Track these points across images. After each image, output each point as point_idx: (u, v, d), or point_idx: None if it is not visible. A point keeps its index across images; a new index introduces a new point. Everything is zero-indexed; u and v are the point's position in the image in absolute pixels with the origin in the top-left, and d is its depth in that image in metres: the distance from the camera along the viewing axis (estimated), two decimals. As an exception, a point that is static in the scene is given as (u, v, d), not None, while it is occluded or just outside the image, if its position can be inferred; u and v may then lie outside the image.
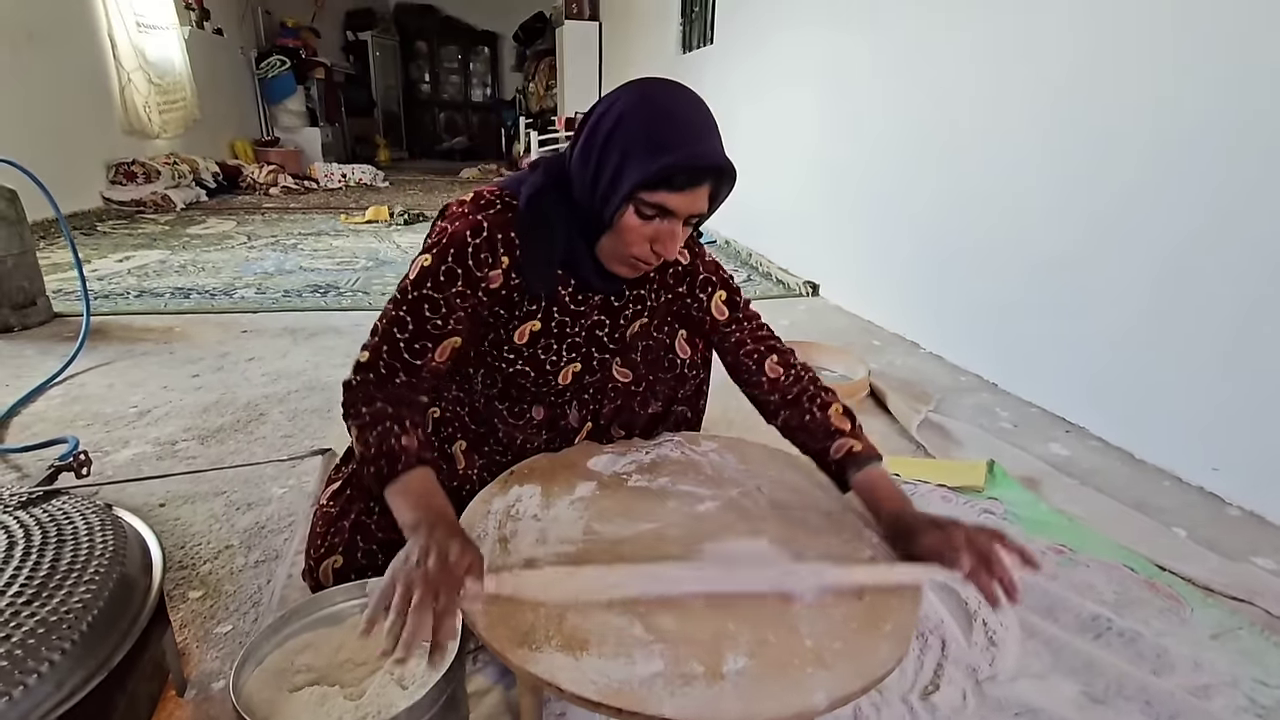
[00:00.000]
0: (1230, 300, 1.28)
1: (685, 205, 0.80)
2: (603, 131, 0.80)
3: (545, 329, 0.94)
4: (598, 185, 0.81)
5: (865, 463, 0.88)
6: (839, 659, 0.65)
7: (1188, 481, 1.36)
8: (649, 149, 0.76)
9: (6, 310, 2.06)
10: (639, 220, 0.80)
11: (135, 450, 1.39)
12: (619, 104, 0.80)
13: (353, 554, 0.90)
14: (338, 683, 0.73)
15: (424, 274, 0.85)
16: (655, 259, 0.84)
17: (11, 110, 3.51)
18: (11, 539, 0.71)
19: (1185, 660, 0.87)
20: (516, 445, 1.02)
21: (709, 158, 0.78)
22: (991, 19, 1.82)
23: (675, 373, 1.06)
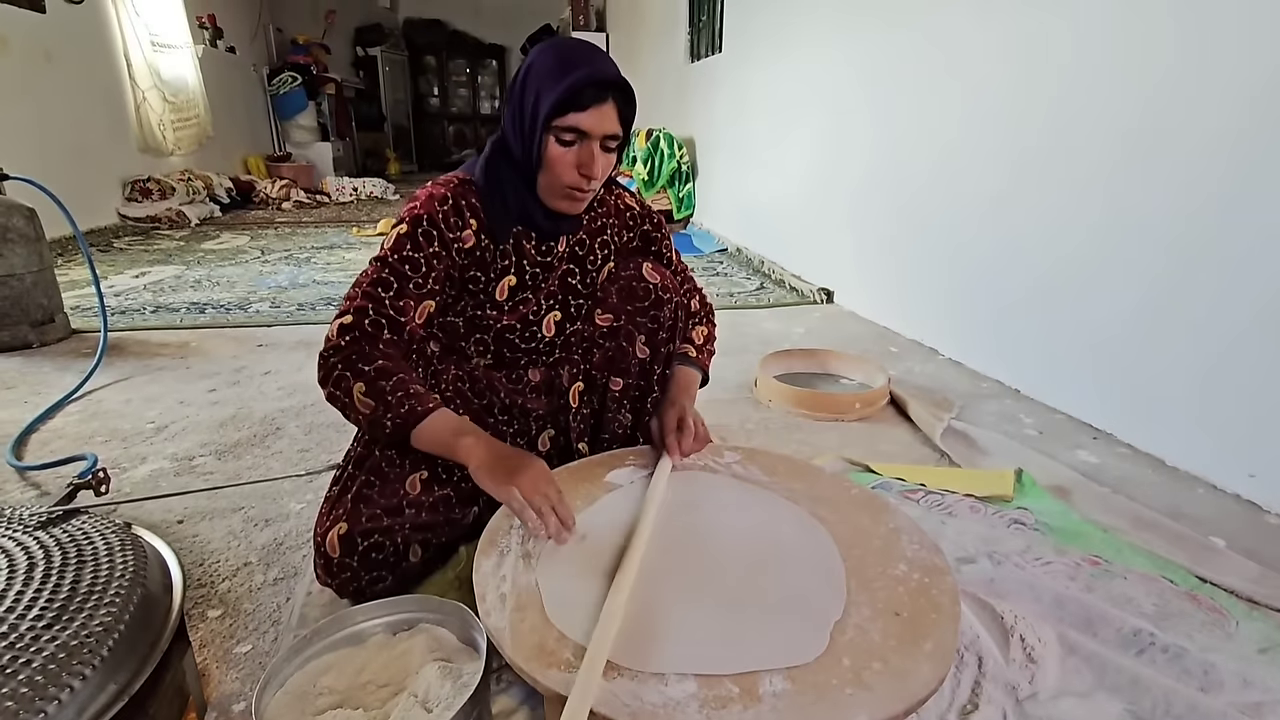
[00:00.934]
0: (1263, 300, 1.24)
1: (595, 123, 0.89)
2: (519, 82, 0.93)
3: (520, 282, 1.04)
4: (523, 128, 0.93)
5: (683, 361, 1.13)
6: (879, 679, 0.62)
7: (1222, 489, 1.33)
8: (554, 78, 0.88)
9: (25, 327, 2.08)
10: (561, 148, 0.91)
11: (153, 466, 1.39)
12: (529, 57, 0.94)
13: (356, 519, 0.89)
14: (360, 705, 0.72)
15: (401, 239, 0.94)
16: (586, 183, 0.94)
17: (30, 129, 3.56)
18: (32, 560, 0.70)
19: (1234, 677, 0.83)
20: (518, 409, 1.07)
21: (605, 73, 0.89)
22: (1010, 22, 1.81)
23: (650, 299, 1.06)
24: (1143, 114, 1.45)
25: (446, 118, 10.14)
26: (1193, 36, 1.34)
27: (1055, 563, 1.06)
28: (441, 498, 0.95)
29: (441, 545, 0.96)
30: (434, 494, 0.95)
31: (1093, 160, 1.57)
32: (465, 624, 0.78)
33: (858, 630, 0.68)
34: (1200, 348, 1.36)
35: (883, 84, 2.41)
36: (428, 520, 0.93)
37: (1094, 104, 1.56)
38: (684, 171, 4.33)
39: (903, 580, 0.77)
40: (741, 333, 2.36)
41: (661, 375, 1.11)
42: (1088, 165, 1.58)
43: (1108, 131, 1.53)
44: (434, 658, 0.76)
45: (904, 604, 0.73)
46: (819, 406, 1.66)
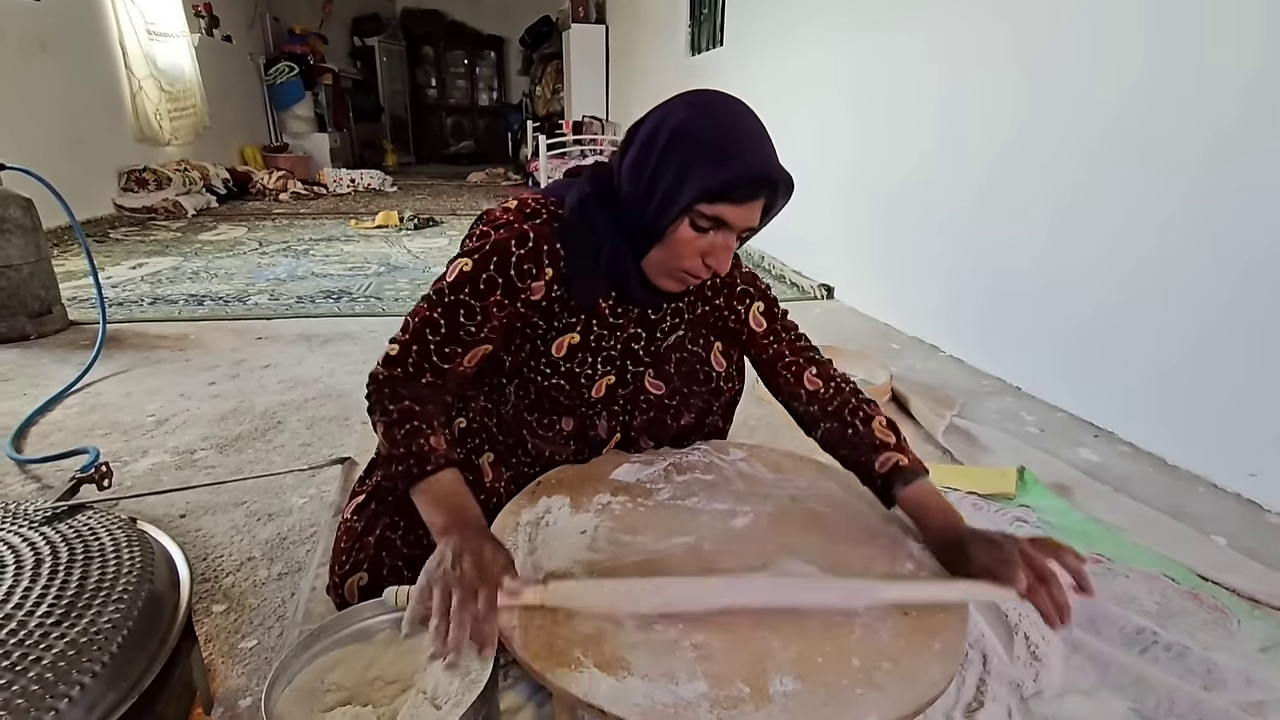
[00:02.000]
0: (1266, 299, 1.25)
1: (742, 218, 0.79)
2: (661, 140, 0.78)
3: (584, 342, 0.92)
4: (652, 196, 0.79)
5: (912, 477, 0.85)
6: (889, 679, 0.63)
7: (1223, 488, 1.33)
8: (711, 160, 0.75)
9: (23, 319, 2.06)
10: (694, 233, 0.79)
11: (154, 459, 1.38)
12: (676, 113, 0.79)
13: (378, 570, 0.88)
14: (369, 702, 0.71)
15: (463, 279, 0.83)
16: (705, 272, 0.83)
17: (25, 118, 3.53)
18: (39, 556, 0.70)
19: (1237, 675, 0.84)
20: (545, 457, 1.00)
21: (773, 170, 0.77)
22: (1017, 15, 1.80)
23: (710, 386, 1.04)
24: (1150, 110, 1.44)
25: (444, 109, 10.08)
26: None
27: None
28: None
29: None
30: None
31: (1092, 157, 1.57)
32: (473, 621, 0.77)
33: (866, 629, 0.68)
34: (1201, 346, 1.36)
35: (884, 78, 2.40)
36: None
37: (1092, 94, 1.56)
38: (684, 165, 4.31)
39: (910, 576, 0.77)
40: (742, 328, 2.35)
41: (695, 439, 1.03)
42: (1089, 162, 1.58)
43: (1108, 126, 1.53)
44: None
45: (911, 603, 0.73)
46: (821, 403, 1.66)
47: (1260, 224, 1.25)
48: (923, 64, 2.18)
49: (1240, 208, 1.28)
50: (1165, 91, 1.40)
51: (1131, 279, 1.50)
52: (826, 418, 0.94)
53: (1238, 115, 1.27)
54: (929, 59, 2.15)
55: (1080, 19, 1.60)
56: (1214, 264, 1.33)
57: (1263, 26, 1.23)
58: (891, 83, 2.36)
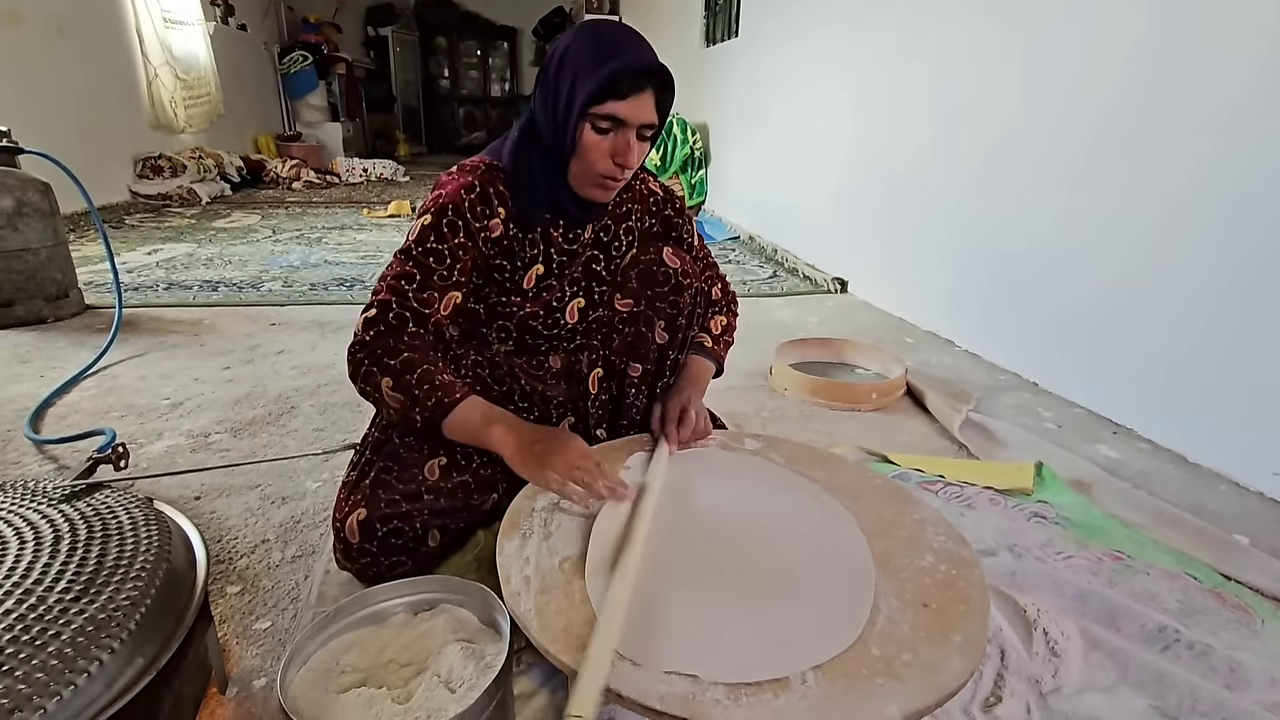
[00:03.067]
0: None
1: (633, 112, 0.87)
2: (553, 66, 0.90)
3: (548, 271, 1.02)
4: (556, 115, 0.90)
5: (698, 351, 1.12)
6: (910, 671, 0.62)
7: (1245, 486, 1.31)
8: (592, 65, 0.85)
9: (40, 302, 2.08)
10: (596, 136, 0.88)
11: (169, 442, 1.39)
12: (563, 41, 0.91)
13: (375, 504, 0.90)
14: (383, 684, 0.71)
15: (426, 230, 0.92)
16: (620, 172, 0.91)
17: (43, 104, 3.55)
18: (57, 533, 0.70)
19: (1261, 675, 0.82)
20: (538, 395, 1.06)
21: (645, 61, 0.86)
22: (1037, 10, 1.77)
23: (670, 284, 1.05)
24: (1170, 104, 1.41)
25: (457, 99, 10.07)
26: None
27: (1076, 557, 1.05)
28: (460, 484, 0.95)
29: (460, 530, 0.96)
30: (452, 480, 0.95)
31: (1120, 153, 1.54)
32: (487, 605, 0.77)
33: (886, 621, 0.68)
34: (1223, 344, 1.34)
35: (896, 70, 2.37)
36: (446, 506, 0.93)
37: (1127, 92, 1.53)
38: (697, 158, 4.29)
39: (930, 572, 0.76)
40: (755, 321, 2.34)
41: (676, 361, 1.10)
42: (1131, 163, 1.55)
43: (1139, 124, 1.50)
44: (456, 638, 0.75)
45: (932, 596, 0.72)
46: (835, 396, 1.65)
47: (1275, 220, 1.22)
48: (933, 55, 2.15)
49: (1257, 206, 1.25)
50: (1170, 75, 1.37)
51: (1147, 273, 1.47)
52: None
53: (1254, 91, 1.24)
54: (940, 50, 2.12)
55: (1081, 4, 1.57)
56: (1231, 258, 1.30)
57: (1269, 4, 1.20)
58: (902, 74, 2.33)
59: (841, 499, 0.91)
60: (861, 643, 0.64)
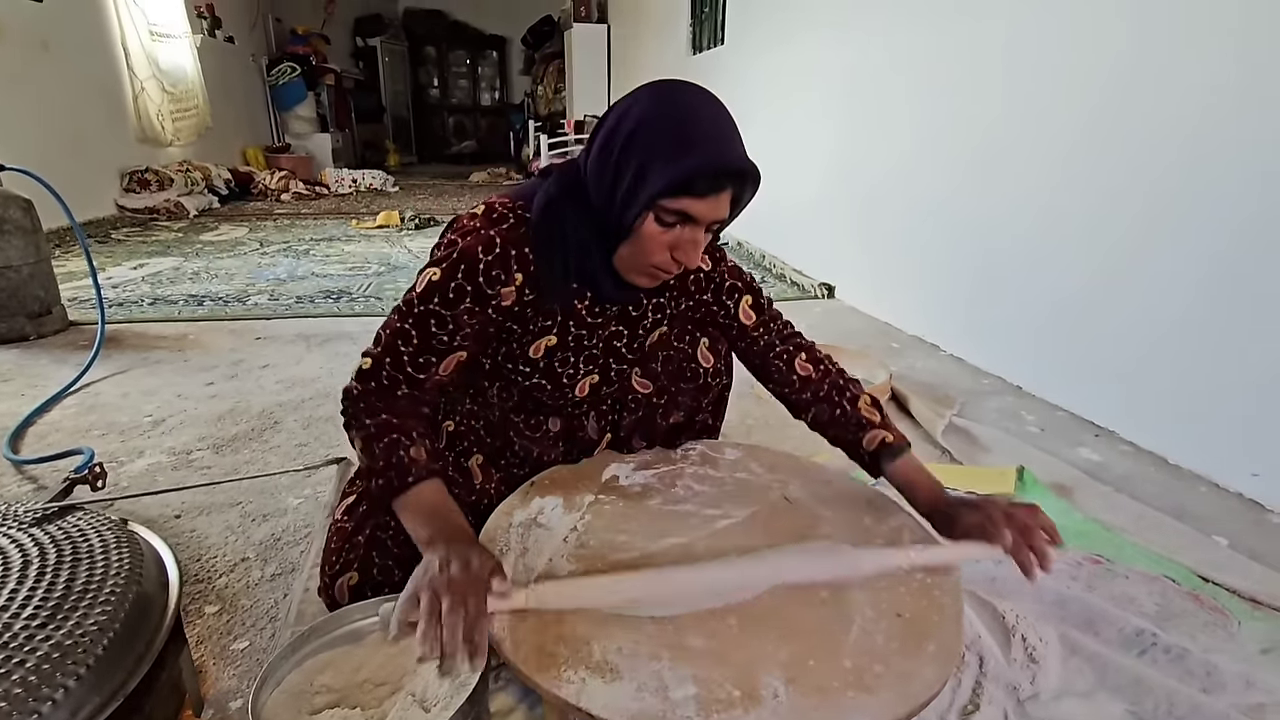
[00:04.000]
0: (1268, 300, 1.23)
1: (708, 211, 0.77)
2: (621, 136, 0.77)
3: (561, 343, 0.92)
4: (616, 192, 0.78)
5: (898, 452, 0.89)
6: (881, 682, 0.62)
7: (1225, 488, 1.32)
8: (671, 153, 0.74)
9: (22, 319, 2.06)
10: (660, 228, 0.77)
11: (150, 460, 1.38)
12: (637, 107, 0.78)
13: (368, 569, 0.87)
14: (358, 704, 0.71)
15: (431, 289, 0.82)
16: (676, 267, 0.82)
17: (27, 119, 3.54)
18: (26, 557, 0.69)
19: (1236, 678, 0.83)
20: (534, 458, 1.00)
21: (734, 161, 0.76)
22: (1018, 15, 1.79)
23: (698, 383, 1.03)
24: (1160, 108, 1.43)
25: (446, 109, 10.09)
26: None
27: (1056, 562, 1.05)
28: None
29: None
30: None
31: (1107, 158, 1.55)
32: (463, 623, 0.77)
33: (860, 632, 0.68)
34: (1202, 346, 1.35)
35: (882, 76, 2.39)
36: None
37: (1113, 96, 1.54)
38: (685, 164, 4.30)
39: (904, 580, 0.76)
40: (742, 328, 2.34)
41: (682, 439, 1.03)
42: (1100, 162, 1.57)
43: (1125, 126, 1.51)
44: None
45: (906, 605, 0.72)
46: (820, 403, 1.65)
47: (1254, 225, 1.23)
48: (916, 62, 2.17)
49: (1230, 205, 1.27)
50: (1145, 77, 1.39)
51: (1126, 275, 1.49)
52: (816, 401, 0.96)
53: (1224, 93, 1.26)
54: (922, 57, 2.14)
55: (1061, 13, 1.58)
56: (1206, 261, 1.32)
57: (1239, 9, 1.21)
58: (886, 80, 2.35)
59: (819, 508, 0.91)
60: (833, 655, 0.64)
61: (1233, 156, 1.27)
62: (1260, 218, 1.24)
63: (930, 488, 0.87)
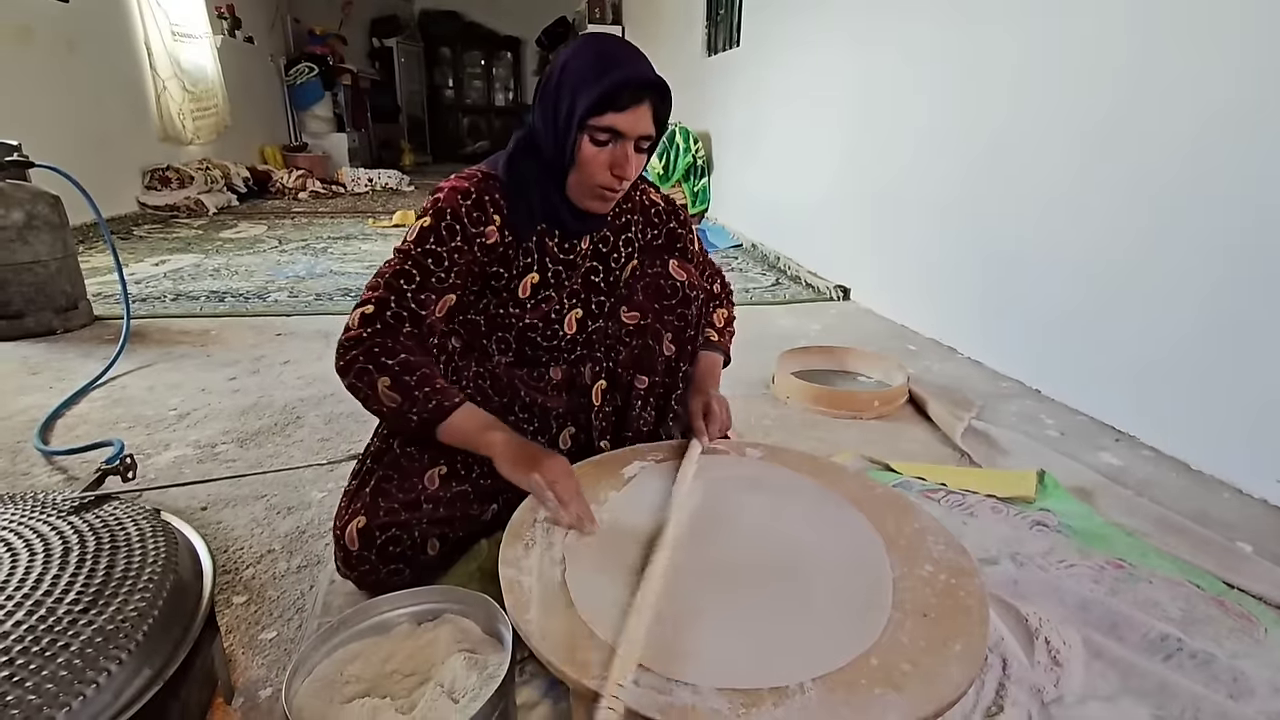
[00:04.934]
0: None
1: (631, 124, 0.89)
2: (553, 79, 0.92)
3: (543, 280, 1.03)
4: (556, 126, 0.92)
5: (706, 346, 1.14)
6: (909, 680, 0.62)
7: (1248, 493, 1.31)
8: (591, 78, 0.87)
9: (49, 313, 2.10)
10: (595, 148, 0.90)
11: (176, 453, 1.40)
12: (563, 54, 0.93)
13: (375, 512, 0.91)
14: (387, 694, 0.72)
15: (424, 232, 0.93)
16: (619, 184, 0.93)
17: (53, 117, 3.60)
18: (67, 545, 0.71)
19: (1265, 684, 0.82)
20: (539, 406, 1.06)
21: (643, 74, 0.89)
22: (1032, 17, 1.78)
23: (678, 296, 1.06)
24: (1171, 108, 1.42)
25: (461, 109, 10.14)
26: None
27: (1079, 565, 1.05)
28: (460, 493, 0.96)
29: (459, 540, 0.96)
30: (452, 489, 0.95)
31: (1123, 162, 1.54)
32: (490, 615, 0.78)
33: (887, 632, 0.68)
34: (1223, 350, 1.34)
35: (896, 78, 2.38)
36: (445, 515, 0.94)
37: (1128, 97, 1.54)
38: (699, 166, 4.31)
39: (929, 581, 0.77)
40: (757, 329, 2.34)
41: (687, 373, 1.10)
42: (1119, 166, 1.56)
43: (1141, 128, 1.50)
44: (459, 648, 0.76)
45: (931, 605, 0.72)
46: (838, 404, 1.65)
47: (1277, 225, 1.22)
48: (932, 64, 2.16)
49: (1251, 204, 1.25)
50: (1160, 73, 1.38)
51: (1147, 278, 1.48)
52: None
53: (1236, 93, 1.25)
54: (939, 59, 2.13)
55: (1075, 14, 1.58)
56: (1227, 264, 1.31)
57: (1241, 19, 1.21)
58: (902, 82, 2.34)
59: (840, 509, 0.91)
60: (861, 653, 0.65)
61: (1253, 152, 1.26)
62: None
63: (701, 378, 1.11)
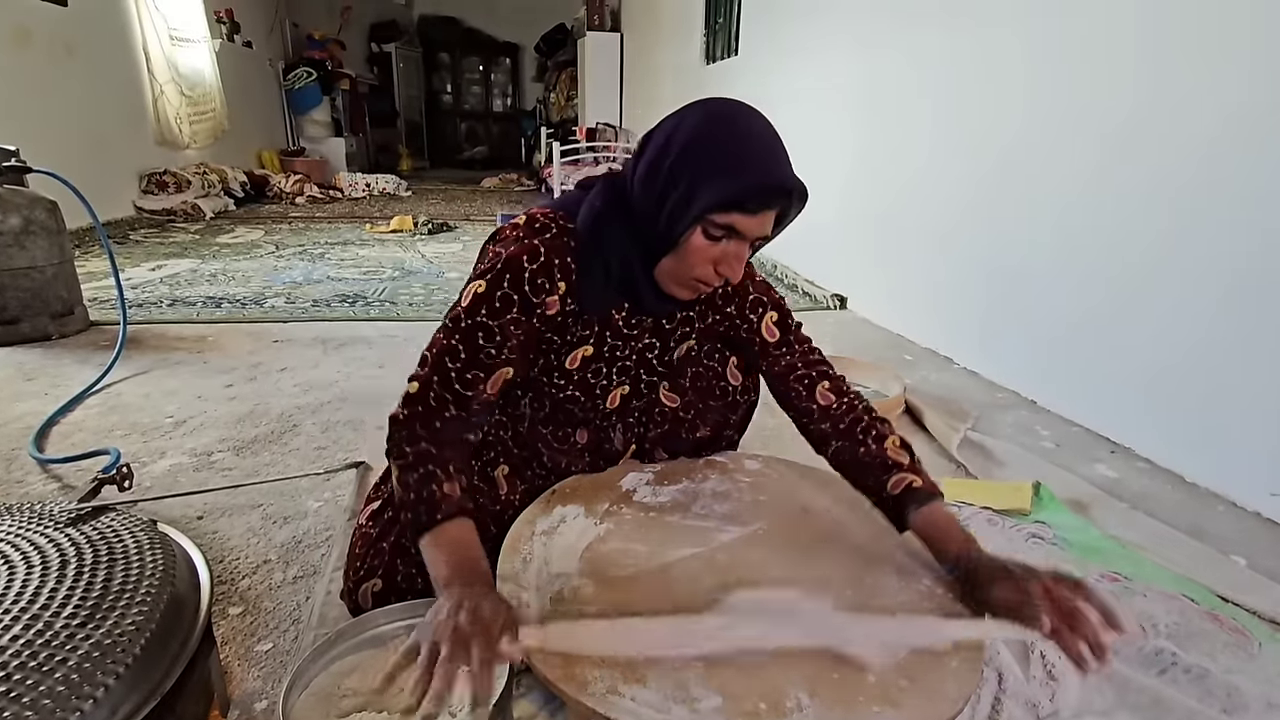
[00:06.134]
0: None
1: (755, 227, 0.79)
2: (673, 150, 0.79)
3: (597, 353, 0.93)
4: (664, 205, 0.80)
5: (926, 499, 0.84)
6: (906, 697, 0.62)
7: (1243, 507, 1.32)
8: (723, 170, 0.76)
9: (46, 319, 2.09)
10: (706, 241, 0.79)
11: (172, 461, 1.40)
12: (689, 121, 0.80)
13: (392, 576, 0.88)
14: (384, 708, 0.72)
15: (478, 300, 0.83)
16: (718, 280, 0.83)
17: (51, 121, 3.59)
18: (64, 557, 0.71)
19: (1258, 699, 0.83)
20: (560, 469, 1.01)
21: (785, 181, 0.78)
22: (1037, 28, 1.80)
23: (726, 400, 1.04)
24: (1179, 118, 1.43)
25: (459, 114, 10.17)
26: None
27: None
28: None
29: None
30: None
31: (1125, 171, 1.56)
32: (487, 629, 0.78)
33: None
34: (1219, 363, 1.35)
35: (894, 88, 2.40)
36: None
37: (1130, 108, 1.55)
38: (697, 173, 4.32)
39: (927, 596, 0.77)
40: (755, 337, 2.35)
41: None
42: (1141, 170, 1.57)
43: (1145, 139, 1.52)
44: (456, 662, 0.76)
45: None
46: (834, 414, 1.65)
47: (1275, 242, 1.24)
48: (933, 73, 2.18)
49: (1251, 222, 1.27)
50: (1166, 90, 1.40)
51: (1143, 290, 1.49)
52: (838, 435, 0.92)
53: (1245, 105, 1.26)
54: (939, 69, 2.15)
55: (1082, 26, 1.59)
56: (1225, 277, 1.32)
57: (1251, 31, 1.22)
58: (901, 92, 2.36)
59: (838, 522, 0.91)
60: (858, 670, 0.65)
61: (1255, 172, 1.28)
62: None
63: (961, 542, 0.80)
